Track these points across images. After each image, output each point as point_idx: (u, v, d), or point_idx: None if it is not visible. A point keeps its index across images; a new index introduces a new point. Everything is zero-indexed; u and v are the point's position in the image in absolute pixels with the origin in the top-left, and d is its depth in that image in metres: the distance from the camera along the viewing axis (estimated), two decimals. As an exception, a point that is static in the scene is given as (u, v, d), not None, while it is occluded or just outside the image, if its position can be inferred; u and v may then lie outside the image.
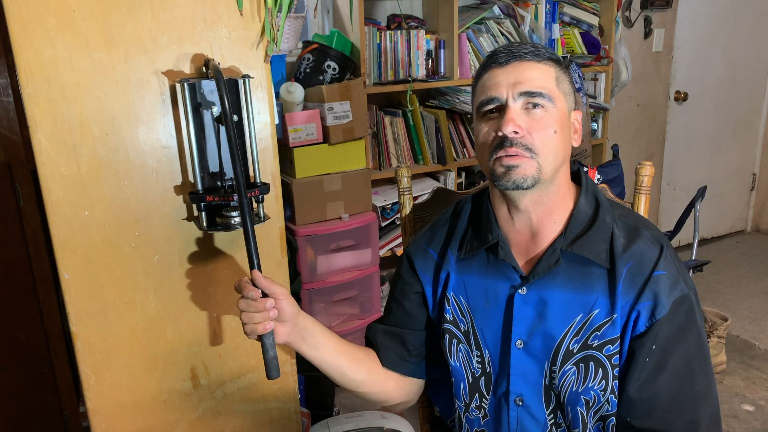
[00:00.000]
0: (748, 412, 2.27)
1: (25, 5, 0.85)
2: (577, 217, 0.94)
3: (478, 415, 1.02)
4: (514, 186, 0.89)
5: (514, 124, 0.87)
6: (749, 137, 3.89)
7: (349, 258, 2.37)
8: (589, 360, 0.92)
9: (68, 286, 0.95)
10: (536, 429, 0.97)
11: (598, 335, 0.91)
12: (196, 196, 0.96)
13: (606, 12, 3.02)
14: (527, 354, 0.95)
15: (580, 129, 0.97)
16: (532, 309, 0.94)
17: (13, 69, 1.47)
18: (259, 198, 0.99)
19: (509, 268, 0.96)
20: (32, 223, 1.75)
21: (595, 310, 0.91)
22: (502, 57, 0.92)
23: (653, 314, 0.89)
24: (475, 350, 1.00)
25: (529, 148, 0.88)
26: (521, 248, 0.96)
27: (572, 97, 0.95)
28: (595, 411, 0.94)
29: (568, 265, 0.92)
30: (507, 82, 0.90)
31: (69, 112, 0.90)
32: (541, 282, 0.93)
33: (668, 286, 0.89)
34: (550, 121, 0.89)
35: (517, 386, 0.97)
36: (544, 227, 0.94)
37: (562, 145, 0.91)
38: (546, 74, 0.91)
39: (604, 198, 0.98)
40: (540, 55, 0.91)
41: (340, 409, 2.32)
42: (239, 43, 0.99)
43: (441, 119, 2.59)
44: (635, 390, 0.90)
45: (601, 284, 0.91)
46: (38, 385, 1.86)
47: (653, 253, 0.91)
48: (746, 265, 3.56)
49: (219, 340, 1.09)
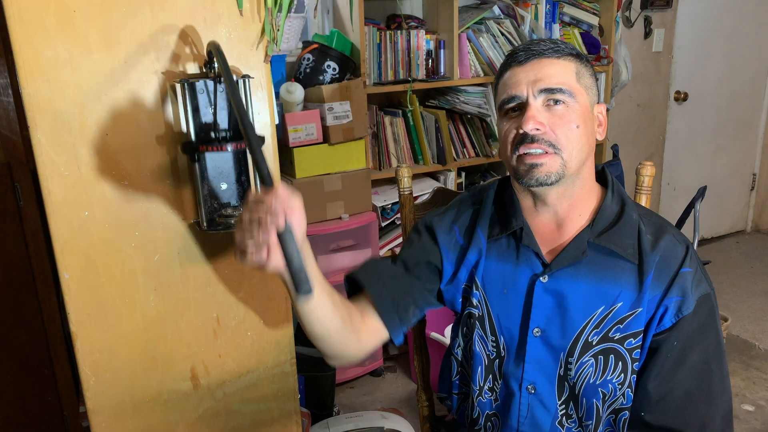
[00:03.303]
0: (748, 412, 2.27)
1: (25, 5, 0.85)
2: (604, 212, 0.95)
3: (490, 397, 1.03)
4: (538, 183, 0.90)
5: (535, 121, 0.88)
6: (749, 137, 3.89)
7: (349, 258, 2.37)
8: (609, 353, 0.93)
9: (68, 286, 0.95)
10: (546, 418, 0.98)
11: (621, 328, 0.92)
12: (190, 146, 0.92)
13: (606, 12, 3.02)
14: (544, 343, 0.96)
15: (605, 122, 0.98)
16: (552, 298, 0.95)
17: (13, 69, 1.47)
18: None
19: (532, 255, 0.96)
20: (32, 223, 1.75)
21: (618, 303, 0.92)
22: (522, 55, 0.92)
23: (680, 310, 0.90)
24: (491, 336, 1.00)
25: (552, 144, 0.89)
26: (545, 238, 0.97)
27: (594, 90, 0.95)
28: (610, 404, 0.94)
29: (592, 257, 0.93)
30: (527, 80, 0.91)
31: (69, 112, 0.90)
32: (563, 272, 0.94)
33: (694, 284, 0.91)
34: (572, 116, 0.90)
35: (530, 374, 0.97)
36: (569, 219, 0.95)
37: (586, 139, 0.92)
38: (566, 70, 0.91)
39: (629, 197, 0.99)
40: (559, 51, 0.92)
41: (340, 409, 2.32)
42: (239, 43, 0.99)
43: (441, 119, 2.59)
44: (654, 385, 0.92)
45: (627, 278, 0.92)
46: (38, 386, 1.86)
47: (680, 250, 0.93)
48: (746, 265, 3.56)
49: (219, 340, 1.08)
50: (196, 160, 0.94)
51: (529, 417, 0.98)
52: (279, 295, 1.11)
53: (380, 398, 2.42)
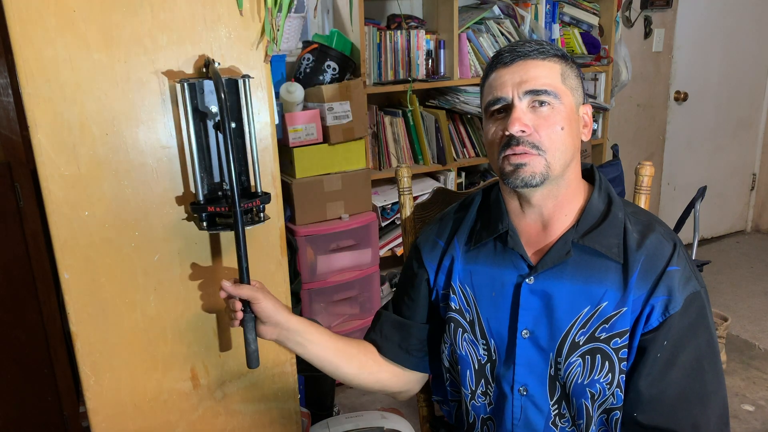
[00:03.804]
0: (748, 412, 2.27)
1: (25, 5, 0.85)
2: (589, 212, 0.95)
3: (483, 401, 1.03)
4: (523, 184, 0.90)
5: (521, 123, 0.88)
6: (749, 137, 3.89)
7: (349, 258, 2.37)
8: (595, 352, 0.92)
9: (68, 286, 0.95)
10: (540, 419, 0.98)
11: (606, 327, 0.92)
12: (198, 207, 0.97)
13: (606, 12, 3.02)
14: (533, 344, 0.96)
15: (590, 123, 0.98)
16: (538, 299, 0.95)
17: (13, 69, 1.47)
18: (260, 207, 1.01)
19: (517, 257, 0.96)
20: (32, 223, 1.75)
21: (603, 302, 0.91)
22: (507, 56, 0.92)
23: (667, 309, 0.89)
24: (481, 339, 1.00)
25: (536, 146, 0.89)
26: (531, 239, 0.97)
27: (580, 91, 0.96)
28: (600, 404, 0.94)
29: (577, 257, 0.93)
30: (512, 82, 0.91)
31: (69, 112, 0.90)
32: (549, 273, 0.94)
33: (682, 282, 0.90)
34: (557, 118, 0.90)
35: (521, 376, 0.97)
36: (555, 219, 0.95)
37: (571, 140, 0.92)
38: (551, 71, 0.91)
39: (617, 195, 0.99)
40: (545, 53, 0.92)
41: (340, 409, 2.32)
42: (239, 43, 0.99)
43: (441, 119, 2.59)
44: (646, 386, 0.91)
45: (612, 277, 0.92)
46: (38, 385, 1.86)
47: (667, 248, 0.92)
48: (746, 265, 3.56)
49: (219, 339, 1.09)
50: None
51: (522, 419, 0.98)
52: (279, 295, 1.11)
53: (380, 398, 2.42)
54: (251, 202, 0.98)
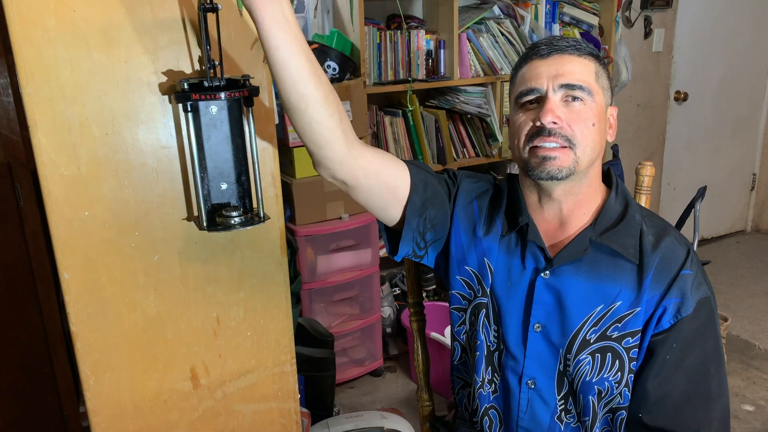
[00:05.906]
0: (748, 412, 2.27)
1: (25, 5, 0.85)
2: (607, 211, 0.96)
3: (489, 390, 1.03)
4: (549, 176, 0.91)
5: (554, 115, 0.89)
6: (749, 137, 3.89)
7: (349, 258, 2.37)
8: (606, 351, 0.93)
9: (68, 286, 0.95)
10: (545, 413, 0.98)
11: (619, 327, 0.92)
12: (182, 95, 0.89)
13: (606, 12, 3.02)
14: (544, 338, 0.97)
15: (615, 124, 0.99)
16: (552, 294, 0.95)
17: (13, 69, 1.47)
18: (249, 100, 0.92)
19: (536, 250, 0.97)
20: (32, 223, 1.75)
21: (617, 302, 0.92)
22: (544, 49, 0.93)
23: (679, 312, 0.90)
24: (493, 325, 1.01)
25: (568, 139, 0.90)
26: (548, 235, 0.98)
27: (609, 92, 0.97)
28: (606, 402, 0.95)
29: (594, 255, 0.94)
30: (548, 74, 0.91)
31: (69, 112, 0.90)
32: (564, 269, 0.94)
33: (694, 286, 0.91)
34: (589, 114, 0.91)
35: (531, 369, 0.98)
36: (573, 217, 0.96)
37: (599, 138, 0.93)
38: (586, 68, 0.92)
39: (633, 199, 1.00)
40: (581, 50, 0.93)
41: (340, 409, 2.32)
42: (239, 43, 0.99)
43: (441, 119, 2.59)
44: (654, 386, 0.92)
45: (627, 277, 0.93)
46: (38, 385, 1.86)
47: (681, 252, 0.93)
48: (746, 265, 3.56)
49: (219, 340, 1.08)
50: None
51: (528, 411, 0.99)
52: (279, 295, 1.11)
53: (380, 398, 2.42)
54: (239, 92, 0.88)
